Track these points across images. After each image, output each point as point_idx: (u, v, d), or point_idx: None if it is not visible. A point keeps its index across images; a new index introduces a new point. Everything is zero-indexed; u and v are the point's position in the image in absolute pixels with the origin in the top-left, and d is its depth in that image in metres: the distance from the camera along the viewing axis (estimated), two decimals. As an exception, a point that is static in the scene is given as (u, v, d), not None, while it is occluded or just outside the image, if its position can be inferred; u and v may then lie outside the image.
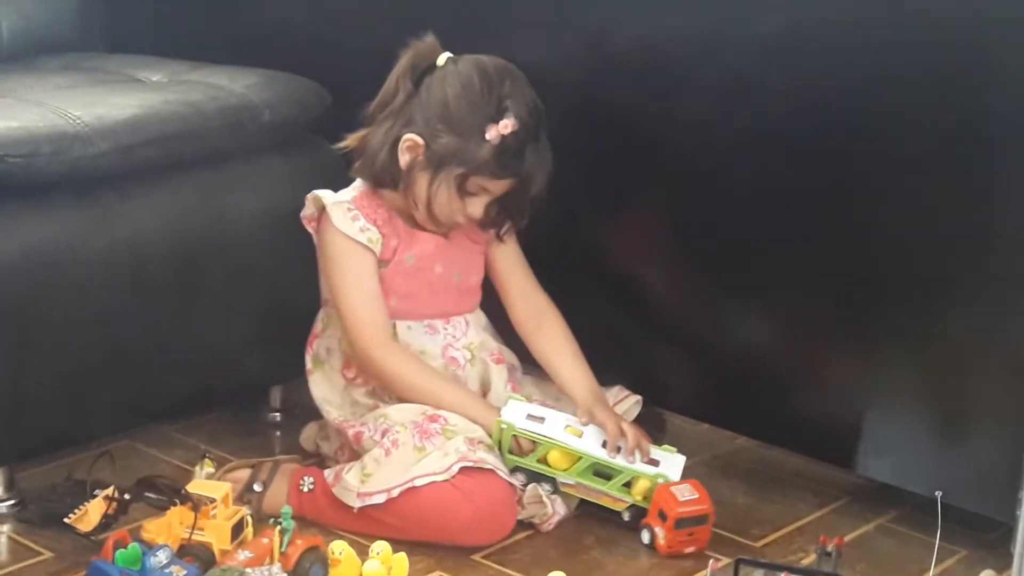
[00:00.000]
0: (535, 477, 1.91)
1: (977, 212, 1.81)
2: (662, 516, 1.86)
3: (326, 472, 1.94)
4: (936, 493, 1.80)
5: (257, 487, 1.92)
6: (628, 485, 1.90)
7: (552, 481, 1.90)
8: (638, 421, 2.01)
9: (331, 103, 2.16)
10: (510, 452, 1.91)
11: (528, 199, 1.95)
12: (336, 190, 2.01)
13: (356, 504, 1.86)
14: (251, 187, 2.08)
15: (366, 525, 1.87)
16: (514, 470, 1.91)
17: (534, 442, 1.91)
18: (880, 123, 1.85)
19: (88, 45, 2.41)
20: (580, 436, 1.91)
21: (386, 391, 1.99)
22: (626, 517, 1.91)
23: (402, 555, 1.79)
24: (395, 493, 1.85)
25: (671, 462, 1.91)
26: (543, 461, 1.91)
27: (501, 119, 1.89)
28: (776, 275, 2.00)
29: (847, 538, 1.89)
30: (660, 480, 1.87)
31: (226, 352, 2.06)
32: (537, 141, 1.92)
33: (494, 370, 2.04)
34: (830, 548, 1.78)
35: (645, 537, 1.88)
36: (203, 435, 2.14)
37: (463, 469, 1.84)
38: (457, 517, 1.84)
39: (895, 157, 1.86)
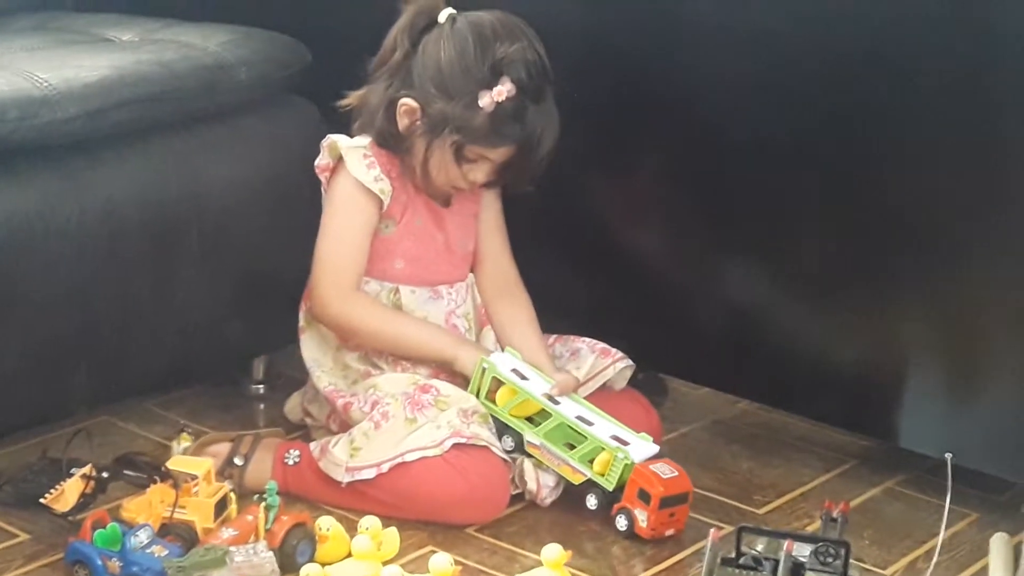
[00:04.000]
0: (502, 430, 1.87)
1: (992, 169, 1.79)
2: (643, 497, 1.80)
3: (312, 445, 1.91)
4: (946, 455, 1.77)
5: (238, 460, 1.88)
6: (590, 461, 1.85)
7: (518, 437, 1.86)
8: (640, 387, 1.97)
9: (311, 61, 2.12)
10: (486, 398, 1.87)
11: (535, 162, 1.89)
12: (315, 152, 1.97)
13: (344, 479, 1.83)
14: (228, 150, 2.04)
15: (354, 500, 1.83)
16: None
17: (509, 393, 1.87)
18: (893, 74, 1.82)
19: (56, 3, 2.37)
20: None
21: (349, 342, 1.95)
22: (592, 504, 1.85)
23: (392, 530, 1.77)
24: (385, 468, 1.82)
25: (641, 446, 1.85)
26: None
27: (495, 85, 1.83)
28: (779, 234, 1.98)
29: (853, 503, 1.88)
30: (620, 456, 1.82)
31: (205, 322, 2.03)
32: (539, 103, 1.86)
33: (481, 333, 2.01)
34: (835, 514, 1.75)
35: (622, 523, 1.81)
36: (183, 410, 2.12)
37: (456, 444, 1.81)
38: (449, 494, 1.80)
39: (908, 109, 1.83)
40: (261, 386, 2.20)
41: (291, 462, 1.88)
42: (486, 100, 1.83)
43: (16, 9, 2.30)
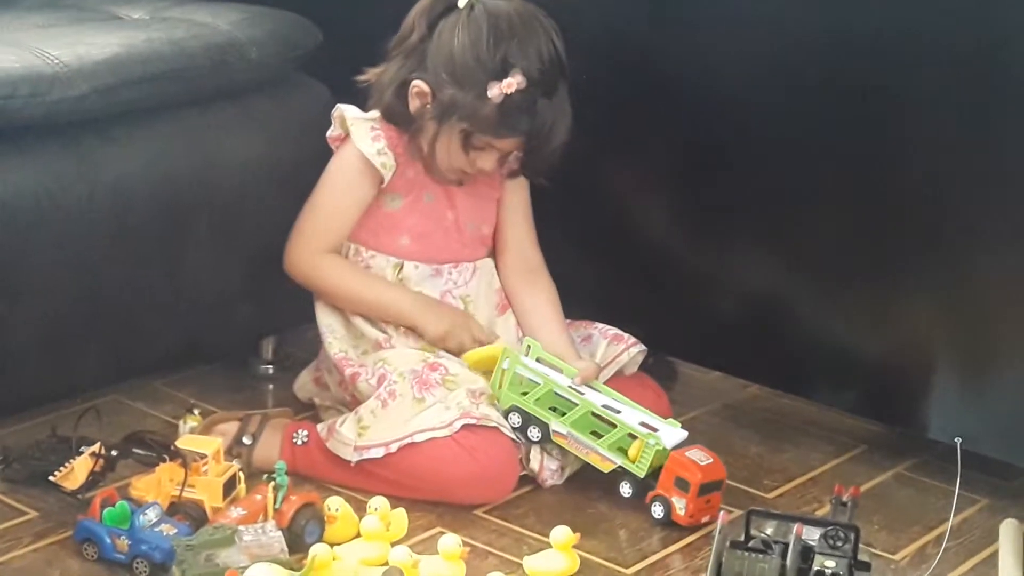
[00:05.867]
0: (528, 420, 1.85)
1: (1005, 158, 1.78)
2: (681, 484, 1.79)
3: (319, 426, 1.90)
4: (956, 440, 1.77)
5: (246, 440, 1.88)
6: (620, 450, 1.84)
7: (545, 427, 1.84)
8: (649, 371, 1.96)
9: (322, 40, 2.11)
10: (508, 389, 1.86)
11: (546, 155, 1.88)
12: (326, 132, 1.97)
13: (352, 458, 1.83)
14: (238, 129, 2.04)
15: (362, 480, 1.83)
16: (510, 410, 1.85)
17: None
18: (907, 60, 1.81)
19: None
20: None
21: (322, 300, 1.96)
22: (626, 492, 1.84)
23: (401, 511, 1.76)
24: (393, 448, 1.81)
25: (670, 432, 1.85)
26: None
27: (505, 77, 1.82)
28: (790, 220, 1.97)
29: (863, 488, 1.87)
30: (652, 442, 1.81)
31: (214, 302, 2.03)
32: (551, 96, 1.84)
33: (499, 320, 2.00)
34: (845, 498, 1.74)
35: (657, 511, 1.80)
36: (192, 389, 2.11)
37: (466, 425, 1.80)
38: (458, 475, 1.80)
39: (921, 96, 1.82)
40: (270, 366, 2.20)
41: (299, 442, 1.87)
42: (495, 92, 1.82)
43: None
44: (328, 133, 1.96)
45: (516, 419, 1.85)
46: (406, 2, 1.90)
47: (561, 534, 1.70)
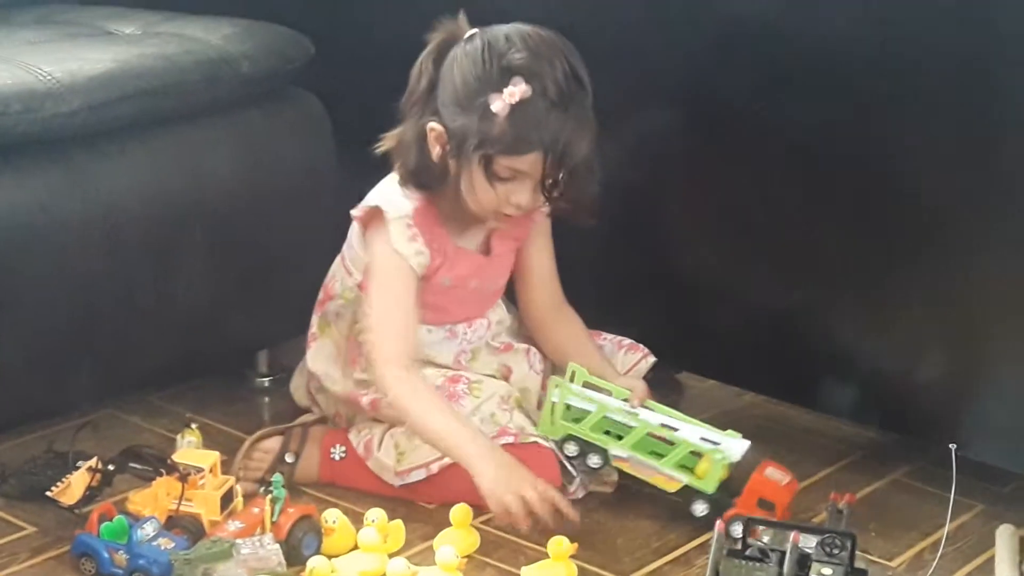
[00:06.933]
0: (586, 448, 1.83)
1: (1002, 161, 1.77)
2: (765, 506, 1.78)
3: (353, 439, 1.89)
4: (951, 446, 1.77)
5: (289, 458, 1.88)
6: (684, 467, 1.82)
7: (603, 453, 1.83)
8: (653, 386, 1.94)
9: (314, 54, 2.10)
10: (562, 419, 1.83)
11: (580, 177, 1.79)
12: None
13: (396, 483, 1.84)
14: (231, 143, 2.03)
15: (407, 493, 1.84)
16: (566, 439, 1.83)
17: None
18: (903, 71, 1.81)
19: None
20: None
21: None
22: (700, 512, 1.80)
23: (398, 523, 1.76)
24: (434, 468, 1.82)
25: (733, 443, 1.83)
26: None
27: (505, 87, 1.75)
28: (784, 226, 1.97)
29: (859, 495, 1.87)
30: (718, 457, 1.80)
31: (209, 316, 2.02)
32: (566, 110, 1.77)
33: (505, 356, 1.97)
34: (841, 506, 1.74)
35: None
36: (188, 403, 2.11)
37: (505, 444, 1.79)
38: None
39: (917, 104, 1.82)
40: (266, 379, 2.20)
41: (337, 457, 1.88)
42: (498, 104, 1.75)
43: (19, 2, 2.28)
44: (354, 212, 1.90)
45: (572, 448, 1.82)
46: (399, 14, 1.89)
47: (558, 544, 1.70)
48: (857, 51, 1.84)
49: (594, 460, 1.83)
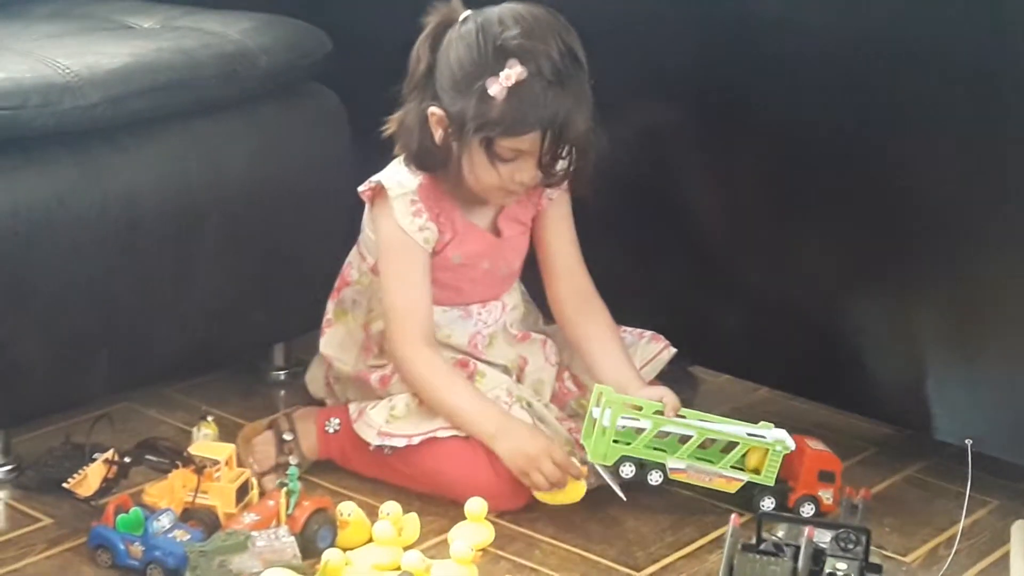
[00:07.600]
0: (644, 467, 1.80)
1: (1015, 157, 1.76)
2: (826, 477, 1.80)
3: (351, 406, 1.90)
4: (966, 441, 1.77)
5: (287, 436, 1.89)
6: (735, 467, 1.82)
7: (662, 468, 1.81)
8: (669, 382, 1.93)
9: (331, 49, 2.11)
10: (614, 441, 1.80)
11: (579, 150, 1.81)
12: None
13: (374, 441, 1.83)
14: (248, 138, 2.04)
15: (381, 471, 1.85)
16: (621, 461, 1.80)
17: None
18: (913, 68, 1.81)
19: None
20: None
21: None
22: (768, 506, 1.80)
23: (413, 516, 1.76)
24: (416, 441, 1.82)
25: (776, 433, 1.83)
26: None
27: (502, 69, 1.76)
28: (799, 220, 1.96)
29: (874, 490, 1.87)
30: (779, 448, 1.80)
31: (226, 309, 2.03)
32: (563, 87, 1.77)
33: (521, 347, 1.97)
34: (856, 501, 1.75)
35: (808, 510, 1.78)
36: (204, 396, 2.11)
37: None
38: (474, 480, 1.79)
39: (926, 102, 1.81)
40: (282, 372, 2.20)
41: (331, 430, 1.89)
42: (495, 88, 1.76)
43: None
44: (361, 189, 1.90)
45: (629, 469, 1.80)
46: (416, 8, 1.88)
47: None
48: (863, 47, 1.83)
49: (654, 477, 1.80)
